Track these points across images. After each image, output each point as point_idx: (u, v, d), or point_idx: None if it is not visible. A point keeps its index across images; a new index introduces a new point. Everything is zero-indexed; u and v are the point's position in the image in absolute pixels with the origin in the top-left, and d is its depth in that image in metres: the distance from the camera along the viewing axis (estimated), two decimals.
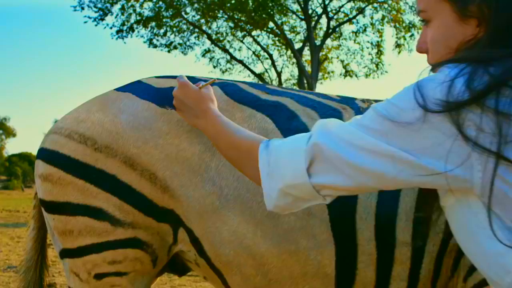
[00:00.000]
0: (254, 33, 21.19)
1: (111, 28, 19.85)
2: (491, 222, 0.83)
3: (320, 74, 23.10)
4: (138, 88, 1.51)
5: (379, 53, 21.92)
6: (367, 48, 22.12)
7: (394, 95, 0.88)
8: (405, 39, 20.85)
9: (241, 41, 21.95)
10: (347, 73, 22.77)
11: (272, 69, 21.77)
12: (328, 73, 23.69)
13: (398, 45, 20.91)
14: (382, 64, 22.23)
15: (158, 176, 1.40)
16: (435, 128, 0.83)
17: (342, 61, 23.20)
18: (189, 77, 1.47)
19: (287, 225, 1.36)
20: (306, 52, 20.92)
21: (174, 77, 1.52)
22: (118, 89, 1.54)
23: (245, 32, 20.65)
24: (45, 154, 1.49)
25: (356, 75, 22.91)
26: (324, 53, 22.68)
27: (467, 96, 0.79)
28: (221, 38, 21.85)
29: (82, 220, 1.43)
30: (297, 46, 21.68)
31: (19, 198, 24.83)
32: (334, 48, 22.97)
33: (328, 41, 22.10)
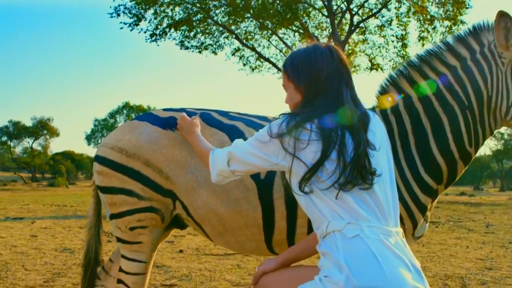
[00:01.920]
0: (280, 31, 21.86)
1: (145, 32, 20.82)
2: (290, 184, 1.75)
3: None
4: (150, 118, 2.47)
5: (404, 46, 22.24)
6: (392, 41, 22.47)
7: (262, 129, 1.81)
8: (428, 31, 21.11)
9: (268, 40, 22.64)
10: (373, 66, 23.13)
11: None
12: (355, 66, 24.05)
13: (421, 38, 21.12)
14: (408, 57, 22.50)
15: (163, 170, 2.37)
16: (274, 144, 1.74)
17: (368, 55, 23.56)
18: (180, 109, 2.44)
19: (235, 196, 2.30)
20: None
21: (173, 110, 2.49)
22: (138, 118, 2.51)
23: (271, 31, 21.32)
24: (99, 159, 2.48)
25: (381, 69, 23.20)
26: (350, 47, 23.09)
27: (285, 130, 1.71)
28: (249, 37, 22.56)
29: (121, 197, 2.41)
30: (324, 41, 22.16)
31: (65, 194, 26.12)
32: (360, 43, 23.34)
33: (354, 36, 22.53)
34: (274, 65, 22.45)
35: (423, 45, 21.38)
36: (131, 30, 20.53)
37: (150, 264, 2.48)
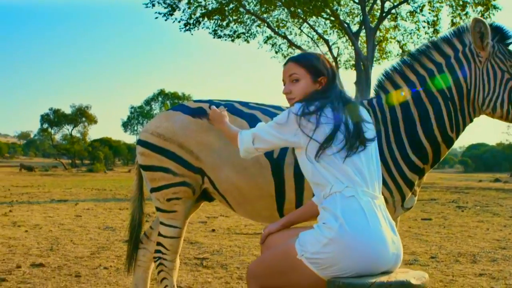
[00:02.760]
0: (311, 19, 22.06)
1: (179, 22, 21.38)
2: (306, 156, 2.11)
3: (378, 54, 23.60)
4: (182, 108, 2.92)
5: (436, 32, 22.13)
6: (424, 27, 22.39)
7: (282, 113, 2.18)
8: (460, 17, 20.96)
9: (299, 28, 22.89)
10: (404, 53, 23.07)
11: (330, 53, 22.57)
12: (386, 53, 24.04)
13: (453, 23, 20.98)
14: None
15: (193, 151, 2.84)
16: (290, 125, 2.12)
17: (399, 42, 23.53)
18: (208, 100, 2.91)
19: (252, 172, 2.73)
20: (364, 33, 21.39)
21: (201, 101, 2.96)
22: (173, 109, 2.98)
23: (301, 20, 21.55)
24: (141, 142, 2.97)
25: None
26: (382, 34, 23.11)
27: (303, 114, 2.09)
28: (281, 25, 22.84)
29: (159, 173, 2.90)
30: (355, 28, 22.28)
31: (103, 179, 26.99)
32: (391, 29, 23.32)
33: (385, 22, 22.53)
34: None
35: None
36: (165, 20, 21.12)
37: (183, 230, 2.98)
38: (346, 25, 21.11)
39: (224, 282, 4.44)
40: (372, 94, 2.96)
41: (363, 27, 20.95)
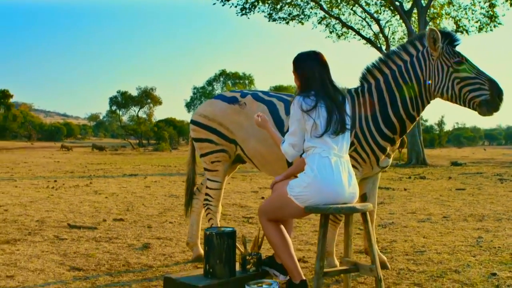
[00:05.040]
0: None
1: (235, 6, 22.46)
2: (306, 130, 3.06)
3: None
4: (221, 97, 4.00)
5: (492, 6, 22.00)
6: (479, 2, 22.31)
7: (292, 108, 3.10)
8: None
9: (351, 9, 23.36)
10: (458, 29, 23.08)
11: (381, 33, 22.94)
12: None
13: None
14: (496, 16, 22.21)
15: (229, 128, 3.92)
16: (297, 110, 3.04)
17: (453, 18, 23.53)
18: (240, 91, 4.03)
19: (270, 143, 3.73)
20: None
21: (235, 91, 4.06)
22: (214, 98, 4.08)
23: (353, 1, 22.02)
24: (193, 121, 4.09)
25: (467, 31, 23.06)
26: (436, 10, 23.20)
27: (303, 99, 3.01)
28: (334, 4, 23.39)
29: (206, 144, 4.02)
30: (408, 5, 22.51)
31: (168, 157, 28.65)
32: (445, 5, 23.33)
33: None
34: (357, 32, 23.11)
35: (511, 4, 21.04)
36: (222, 5, 22.15)
37: (223, 184, 4.10)
38: (398, 4, 21.38)
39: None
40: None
41: (414, 6, 21.16)
